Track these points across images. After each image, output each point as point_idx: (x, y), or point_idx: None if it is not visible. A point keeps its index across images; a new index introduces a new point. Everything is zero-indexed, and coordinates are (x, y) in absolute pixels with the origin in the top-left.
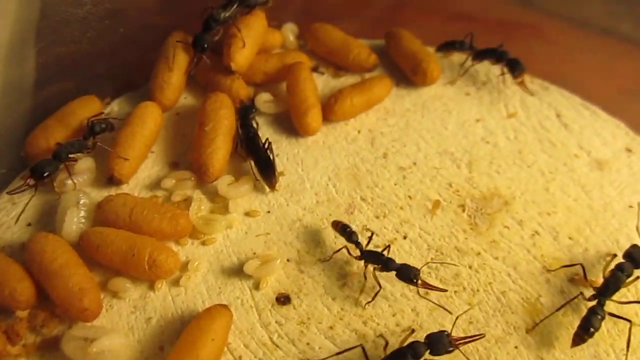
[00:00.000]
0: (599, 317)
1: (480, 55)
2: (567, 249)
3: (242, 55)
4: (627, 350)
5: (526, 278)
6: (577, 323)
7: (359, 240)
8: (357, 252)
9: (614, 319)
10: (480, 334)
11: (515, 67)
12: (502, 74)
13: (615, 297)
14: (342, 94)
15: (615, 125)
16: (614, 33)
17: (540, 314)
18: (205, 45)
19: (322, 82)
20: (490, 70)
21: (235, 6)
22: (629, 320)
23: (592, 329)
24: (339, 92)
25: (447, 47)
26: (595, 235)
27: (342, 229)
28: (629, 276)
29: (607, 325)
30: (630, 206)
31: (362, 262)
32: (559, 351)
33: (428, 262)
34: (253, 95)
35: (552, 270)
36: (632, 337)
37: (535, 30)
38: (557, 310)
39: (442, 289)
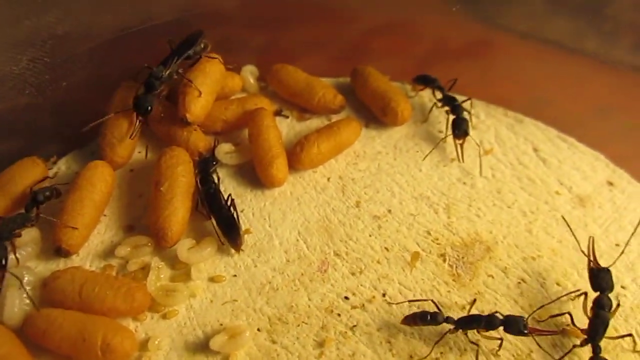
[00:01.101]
0: None
1: (442, 101)
2: (555, 296)
3: (198, 105)
4: None
5: None
6: None
7: (447, 316)
8: (450, 326)
9: None
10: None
11: (456, 128)
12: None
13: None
14: (309, 140)
15: (595, 157)
16: (581, 51)
17: None
18: (149, 108)
19: (287, 127)
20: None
21: (175, 61)
22: None
23: None
24: (305, 138)
25: (422, 81)
26: (583, 279)
27: (421, 318)
28: (610, 308)
29: None
30: (617, 244)
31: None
32: None
33: (535, 311)
34: (213, 146)
35: (541, 321)
36: None
37: (501, 51)
38: None
39: (553, 331)
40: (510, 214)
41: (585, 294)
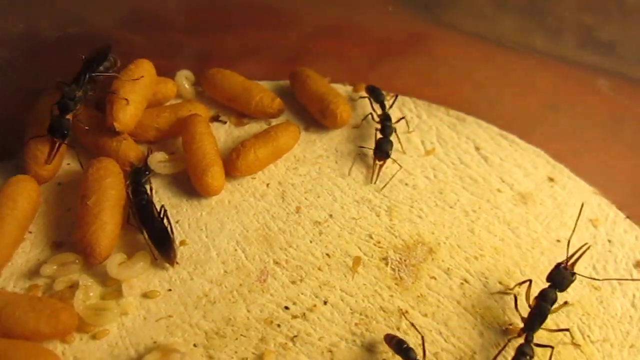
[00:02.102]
0: (528, 357)
1: (380, 117)
2: (498, 295)
3: (126, 113)
4: None
5: (459, 334)
6: None
7: (417, 358)
8: None
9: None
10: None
11: (379, 149)
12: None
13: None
14: (245, 146)
15: (536, 154)
16: (529, 48)
17: None
18: (67, 132)
19: (225, 133)
20: (404, 103)
21: (86, 79)
22: (552, 347)
23: None
24: (241, 144)
25: (371, 92)
26: (525, 277)
27: (397, 345)
28: (553, 303)
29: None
30: (558, 240)
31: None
32: None
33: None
34: (146, 155)
35: (493, 293)
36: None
37: (447, 51)
38: None
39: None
40: (452, 214)
41: (530, 281)
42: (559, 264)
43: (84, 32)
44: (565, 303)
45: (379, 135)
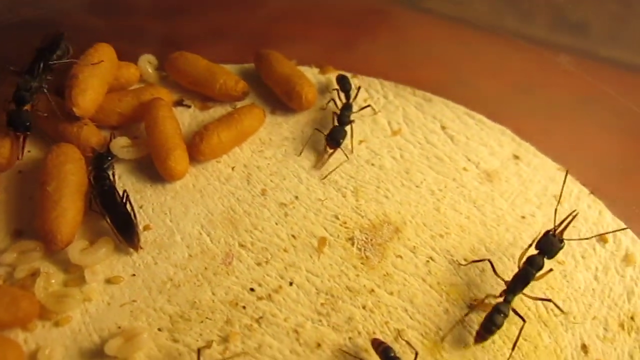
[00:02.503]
0: (502, 315)
1: (342, 105)
2: (463, 272)
3: (86, 98)
4: (513, 349)
5: (424, 311)
6: None
7: None
8: None
9: (515, 353)
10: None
11: (330, 137)
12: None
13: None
14: (208, 130)
15: (501, 132)
16: (500, 30)
17: (442, 350)
18: (29, 124)
19: (189, 117)
20: (370, 85)
21: (40, 68)
22: (524, 320)
23: (493, 327)
24: (204, 128)
25: (340, 82)
26: (490, 254)
27: (383, 352)
28: (539, 269)
29: (510, 350)
30: (523, 217)
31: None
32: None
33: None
34: (108, 140)
35: (462, 264)
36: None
37: (418, 31)
38: (449, 331)
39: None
40: (418, 194)
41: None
42: (547, 232)
43: (41, 16)
44: (551, 270)
45: (336, 123)
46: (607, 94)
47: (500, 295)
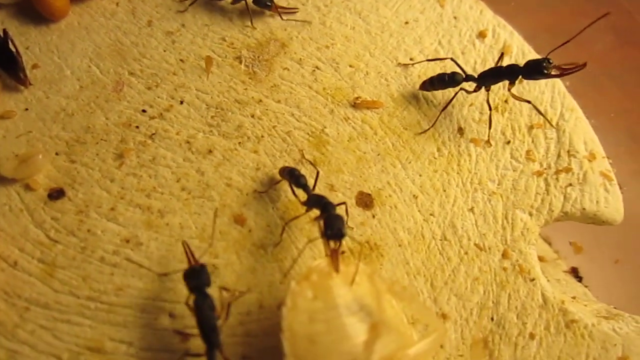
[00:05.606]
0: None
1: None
2: (348, 77)
3: None
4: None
5: (310, 113)
6: None
7: (307, 184)
8: (304, 196)
9: (396, 141)
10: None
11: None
12: None
13: None
14: None
15: None
16: None
17: (327, 145)
18: None
19: None
20: None
21: None
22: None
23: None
24: None
25: None
26: (375, 58)
27: (288, 174)
28: (514, 76)
29: (391, 139)
30: (406, 22)
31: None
32: (348, 174)
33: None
34: None
35: (344, 75)
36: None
37: None
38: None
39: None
40: (304, 11)
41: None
42: (545, 58)
43: None
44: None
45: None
46: None
47: (475, 91)
